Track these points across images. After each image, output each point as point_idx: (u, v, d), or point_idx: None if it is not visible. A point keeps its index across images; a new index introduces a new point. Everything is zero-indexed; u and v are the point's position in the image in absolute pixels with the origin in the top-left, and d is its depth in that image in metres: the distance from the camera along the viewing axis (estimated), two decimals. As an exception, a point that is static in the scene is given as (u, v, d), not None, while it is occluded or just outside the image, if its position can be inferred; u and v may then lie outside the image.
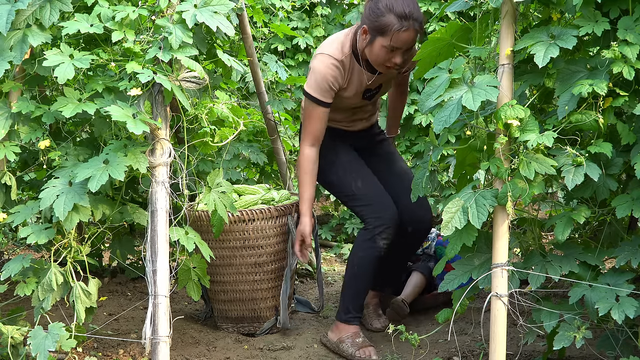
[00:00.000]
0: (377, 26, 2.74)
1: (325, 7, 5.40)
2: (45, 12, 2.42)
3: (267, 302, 3.13)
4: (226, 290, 3.12)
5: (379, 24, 2.73)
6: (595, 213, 2.30)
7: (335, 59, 2.87)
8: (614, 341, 2.23)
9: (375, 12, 2.73)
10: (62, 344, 2.33)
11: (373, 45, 2.78)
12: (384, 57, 2.78)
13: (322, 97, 2.87)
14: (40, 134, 2.49)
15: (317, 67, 2.88)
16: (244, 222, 3.02)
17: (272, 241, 3.08)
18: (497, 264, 2.21)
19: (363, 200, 2.99)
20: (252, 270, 3.09)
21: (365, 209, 2.97)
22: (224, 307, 3.17)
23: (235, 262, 3.09)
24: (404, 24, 2.71)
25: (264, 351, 2.90)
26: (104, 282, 3.69)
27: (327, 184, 3.13)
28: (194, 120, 2.75)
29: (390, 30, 2.71)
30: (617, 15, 2.18)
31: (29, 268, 2.41)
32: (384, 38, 2.74)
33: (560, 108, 2.17)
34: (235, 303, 3.14)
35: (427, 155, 2.62)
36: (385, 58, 2.79)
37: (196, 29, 2.60)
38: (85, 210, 2.39)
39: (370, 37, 2.78)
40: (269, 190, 3.29)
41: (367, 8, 2.79)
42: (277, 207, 3.10)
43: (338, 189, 3.09)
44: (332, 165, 3.06)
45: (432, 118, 4.76)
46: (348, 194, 3.04)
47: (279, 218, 3.07)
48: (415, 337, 2.62)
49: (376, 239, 2.92)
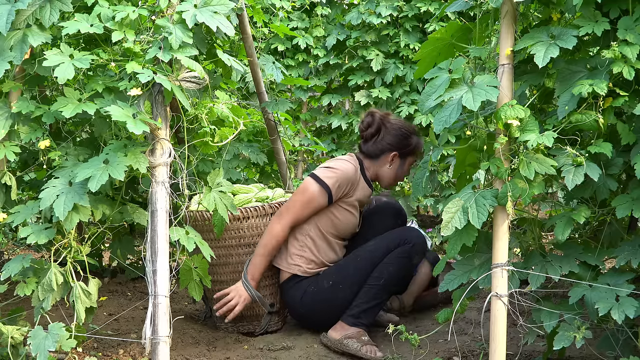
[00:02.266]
0: (409, 149, 3.15)
1: (325, 7, 5.41)
2: (45, 12, 2.42)
3: (265, 299, 3.13)
4: (223, 289, 3.11)
5: (411, 147, 3.15)
6: (595, 213, 2.30)
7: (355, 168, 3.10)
8: (614, 341, 2.22)
9: (402, 137, 3.13)
10: (62, 344, 2.33)
11: (404, 166, 3.18)
12: (408, 173, 3.23)
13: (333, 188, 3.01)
14: (40, 134, 2.49)
15: (341, 164, 3.07)
16: (238, 220, 3.02)
17: None
18: (497, 264, 2.21)
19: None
20: None
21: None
22: None
23: (232, 260, 3.09)
24: (422, 140, 3.19)
25: (264, 351, 2.90)
26: (104, 282, 3.69)
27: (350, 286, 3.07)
28: (194, 120, 2.75)
29: (419, 148, 3.17)
30: (617, 15, 2.18)
31: (29, 268, 2.41)
32: (413, 157, 3.19)
33: (560, 108, 2.17)
34: None
35: (427, 155, 2.62)
36: (408, 174, 3.24)
37: (196, 29, 2.60)
38: (85, 210, 2.39)
39: (401, 160, 3.16)
40: (262, 189, 3.28)
41: (389, 136, 3.12)
42: (272, 204, 3.09)
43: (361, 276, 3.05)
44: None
45: (432, 118, 4.76)
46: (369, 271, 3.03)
47: (273, 215, 3.07)
48: (415, 337, 2.62)
49: (412, 257, 3.00)
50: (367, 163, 3.15)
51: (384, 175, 3.16)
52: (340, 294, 2.99)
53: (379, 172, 3.15)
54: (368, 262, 2.99)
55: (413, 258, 2.99)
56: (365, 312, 2.95)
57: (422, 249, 3.02)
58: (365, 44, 5.25)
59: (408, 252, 2.97)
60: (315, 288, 3.03)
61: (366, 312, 2.95)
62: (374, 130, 3.14)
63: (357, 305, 2.96)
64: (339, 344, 2.90)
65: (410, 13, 5.14)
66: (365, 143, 3.17)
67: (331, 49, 5.32)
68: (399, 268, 2.97)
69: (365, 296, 2.96)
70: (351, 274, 2.99)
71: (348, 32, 5.32)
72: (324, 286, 3.02)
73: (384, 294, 2.98)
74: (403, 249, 2.97)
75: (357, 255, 3.05)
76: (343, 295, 2.99)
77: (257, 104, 4.00)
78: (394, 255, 2.97)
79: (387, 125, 3.14)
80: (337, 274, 3.02)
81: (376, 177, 3.18)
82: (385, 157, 3.13)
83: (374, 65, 5.14)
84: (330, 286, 3.01)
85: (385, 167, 3.14)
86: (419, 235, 3.05)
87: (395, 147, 3.12)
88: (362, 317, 2.95)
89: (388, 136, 3.12)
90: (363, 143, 3.18)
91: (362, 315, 2.95)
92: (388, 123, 3.14)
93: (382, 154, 3.12)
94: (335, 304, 2.99)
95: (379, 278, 2.95)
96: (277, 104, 3.71)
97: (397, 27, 5.24)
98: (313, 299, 3.03)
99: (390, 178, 3.16)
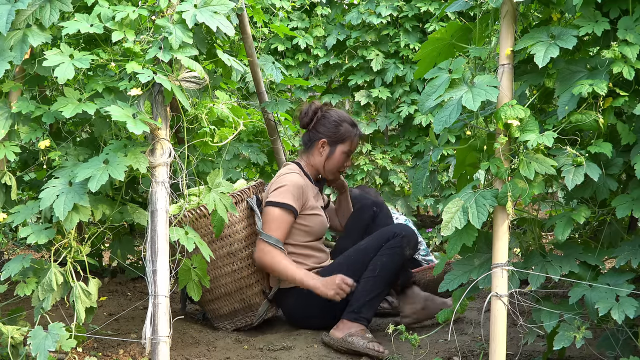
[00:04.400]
0: (338, 136, 3.19)
1: (325, 7, 5.41)
2: (45, 12, 2.42)
3: (253, 288, 3.12)
4: (210, 288, 3.11)
5: (340, 134, 3.19)
6: (595, 213, 2.30)
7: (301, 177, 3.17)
8: (614, 341, 2.23)
9: (332, 124, 3.19)
10: (62, 344, 2.33)
11: (334, 154, 3.20)
12: (342, 162, 3.23)
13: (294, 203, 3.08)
14: (40, 134, 2.49)
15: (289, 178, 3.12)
16: (205, 217, 3.01)
17: (238, 227, 3.07)
18: (497, 264, 2.22)
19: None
20: (229, 261, 3.08)
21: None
22: (214, 306, 3.17)
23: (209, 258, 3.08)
24: (356, 130, 3.24)
25: (264, 351, 2.90)
26: (104, 282, 3.69)
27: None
28: (194, 120, 2.75)
29: (349, 136, 3.20)
30: (617, 15, 2.18)
31: (29, 268, 2.41)
32: (344, 145, 3.21)
33: (560, 108, 2.17)
34: (223, 299, 3.14)
35: (427, 155, 2.62)
36: (342, 163, 3.23)
37: (196, 29, 2.60)
38: (85, 210, 2.39)
39: (331, 147, 3.20)
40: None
41: (320, 125, 3.20)
42: (233, 193, 3.05)
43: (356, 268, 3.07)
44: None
45: (432, 118, 4.76)
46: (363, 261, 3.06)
47: (238, 204, 3.06)
48: (415, 337, 2.62)
49: (404, 248, 3.00)
50: (304, 156, 3.26)
51: (318, 164, 3.24)
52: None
53: (313, 162, 3.24)
54: (361, 260, 3.03)
55: (404, 248, 3.00)
56: (365, 305, 2.96)
57: (413, 240, 3.03)
58: (365, 44, 5.26)
59: (399, 242, 3.00)
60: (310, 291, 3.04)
61: (366, 305, 2.97)
62: (308, 120, 3.24)
63: (357, 300, 2.97)
64: (342, 342, 2.90)
65: (410, 13, 5.14)
66: (303, 133, 3.28)
67: (331, 49, 5.33)
68: (391, 259, 2.99)
69: (363, 290, 2.98)
70: (344, 271, 3.02)
71: (348, 32, 5.32)
72: None
73: (381, 286, 2.99)
74: (394, 241, 3.01)
75: (349, 255, 3.10)
76: None
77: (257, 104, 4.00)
78: (385, 248, 3.01)
79: (321, 114, 3.23)
80: (330, 273, 3.05)
81: (316, 170, 3.26)
82: (317, 145, 3.21)
83: (374, 65, 5.14)
84: None
85: (317, 156, 3.23)
86: (408, 228, 3.07)
87: (324, 135, 3.20)
88: (363, 311, 2.96)
89: (319, 125, 3.21)
90: (302, 134, 3.29)
91: (363, 309, 2.96)
92: (323, 112, 3.23)
93: (313, 142, 3.22)
94: (331, 303, 3.00)
95: (373, 270, 2.99)
96: (277, 104, 3.71)
97: (397, 27, 5.25)
98: (309, 301, 3.06)
99: (323, 167, 3.23)
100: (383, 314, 3.41)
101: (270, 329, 3.22)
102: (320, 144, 3.20)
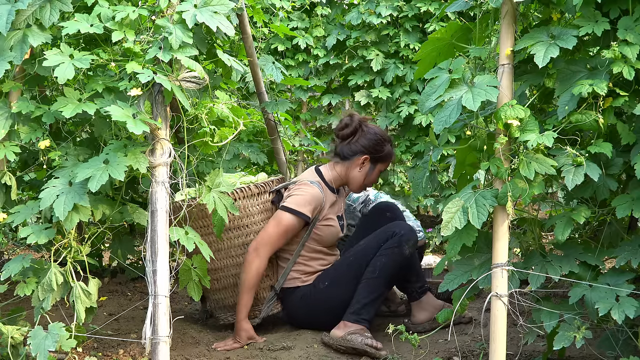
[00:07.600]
0: (381, 155, 3.17)
1: (325, 7, 5.41)
2: (45, 12, 2.42)
3: (262, 282, 3.11)
4: (219, 277, 3.10)
5: (383, 154, 3.17)
6: (595, 213, 2.30)
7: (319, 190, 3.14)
8: (614, 341, 2.23)
9: (375, 142, 3.15)
10: (62, 344, 2.33)
11: (373, 172, 3.19)
12: (375, 180, 3.25)
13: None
14: (40, 134, 2.49)
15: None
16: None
17: (256, 219, 3.08)
18: (497, 264, 2.22)
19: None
20: (242, 252, 3.07)
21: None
22: (219, 296, 3.15)
23: (223, 245, 3.07)
24: (393, 151, 3.25)
25: (264, 351, 2.90)
26: (104, 282, 3.69)
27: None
28: (194, 120, 2.75)
29: (389, 157, 3.21)
30: (617, 15, 2.18)
31: (29, 268, 2.41)
32: (383, 164, 3.21)
33: (560, 108, 2.17)
34: (229, 289, 3.13)
35: (427, 155, 2.62)
36: (375, 181, 3.26)
37: (196, 29, 2.60)
38: (85, 210, 2.39)
39: (371, 165, 3.18)
40: (245, 176, 3.27)
41: (363, 139, 3.15)
42: (257, 184, 3.09)
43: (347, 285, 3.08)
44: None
45: (432, 118, 4.76)
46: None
47: (260, 195, 3.08)
48: (415, 337, 2.62)
49: (403, 247, 2.99)
50: (337, 166, 3.20)
51: (353, 178, 3.19)
52: (337, 293, 3.03)
53: (349, 174, 3.19)
54: (360, 260, 3.03)
55: (403, 247, 2.99)
56: (365, 306, 2.97)
57: (412, 238, 3.02)
58: (365, 44, 5.25)
59: (397, 241, 2.99)
60: (312, 290, 3.09)
61: (366, 306, 2.97)
62: (350, 132, 3.18)
63: (357, 301, 2.98)
64: (342, 341, 2.90)
65: (410, 13, 5.14)
66: (340, 143, 3.22)
67: (331, 49, 5.32)
68: (391, 258, 2.98)
69: (363, 291, 2.99)
70: (345, 272, 3.03)
71: (348, 32, 5.32)
72: (320, 287, 3.08)
73: (381, 287, 3.00)
74: (392, 240, 3.00)
75: (349, 255, 3.10)
76: (340, 294, 3.02)
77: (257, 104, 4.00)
78: (385, 248, 3.00)
79: (364, 128, 3.18)
80: (332, 274, 3.08)
81: (346, 180, 3.22)
82: (357, 160, 3.16)
83: (374, 65, 5.14)
84: (326, 287, 3.07)
85: (355, 170, 3.18)
86: (407, 225, 3.07)
87: (367, 151, 3.15)
88: (363, 312, 2.96)
89: (363, 139, 3.16)
90: (338, 143, 3.23)
91: (363, 310, 2.96)
92: (365, 127, 3.19)
93: (354, 155, 3.16)
94: (332, 304, 3.01)
95: (373, 271, 2.99)
96: (277, 104, 3.71)
97: (397, 27, 5.24)
98: (311, 301, 3.07)
99: (359, 182, 3.19)
100: (384, 315, 3.41)
101: (270, 329, 3.22)
102: (362, 160, 3.16)
